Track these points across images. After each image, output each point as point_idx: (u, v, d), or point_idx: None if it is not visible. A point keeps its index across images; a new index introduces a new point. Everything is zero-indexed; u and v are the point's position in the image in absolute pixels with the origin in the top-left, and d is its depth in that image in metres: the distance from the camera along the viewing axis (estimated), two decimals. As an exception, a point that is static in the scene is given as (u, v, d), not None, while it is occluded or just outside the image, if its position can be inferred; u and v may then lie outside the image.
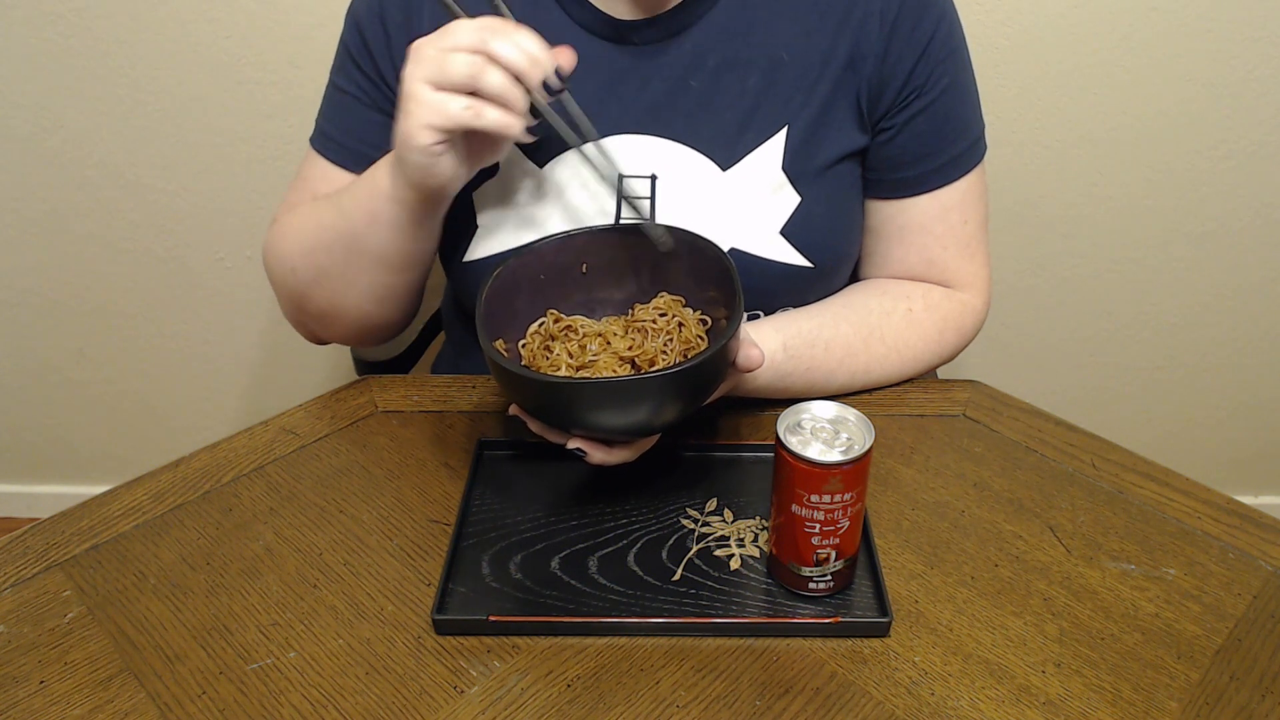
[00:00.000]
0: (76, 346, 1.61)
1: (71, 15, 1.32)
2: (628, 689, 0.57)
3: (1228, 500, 0.70)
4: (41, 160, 1.43)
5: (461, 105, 0.64)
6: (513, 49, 0.64)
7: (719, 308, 0.71)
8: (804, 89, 0.79)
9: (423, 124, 0.65)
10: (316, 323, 0.86)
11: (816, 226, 0.80)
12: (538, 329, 0.74)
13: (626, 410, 0.62)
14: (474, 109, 0.64)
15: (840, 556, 0.61)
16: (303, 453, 0.77)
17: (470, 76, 0.63)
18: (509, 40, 0.64)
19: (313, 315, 0.85)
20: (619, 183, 0.79)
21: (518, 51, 0.64)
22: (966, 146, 0.83)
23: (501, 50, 0.63)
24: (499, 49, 0.63)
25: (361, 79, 0.82)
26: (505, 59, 0.64)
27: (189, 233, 1.50)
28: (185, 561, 0.67)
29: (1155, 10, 1.27)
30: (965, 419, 0.80)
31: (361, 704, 0.57)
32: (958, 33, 0.82)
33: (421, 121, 0.65)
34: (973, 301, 0.86)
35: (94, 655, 0.60)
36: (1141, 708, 0.56)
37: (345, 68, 0.84)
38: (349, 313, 0.83)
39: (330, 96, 0.86)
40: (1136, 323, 1.52)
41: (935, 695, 0.57)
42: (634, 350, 0.70)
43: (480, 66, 0.63)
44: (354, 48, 0.83)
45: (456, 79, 0.64)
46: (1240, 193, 1.40)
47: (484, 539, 0.68)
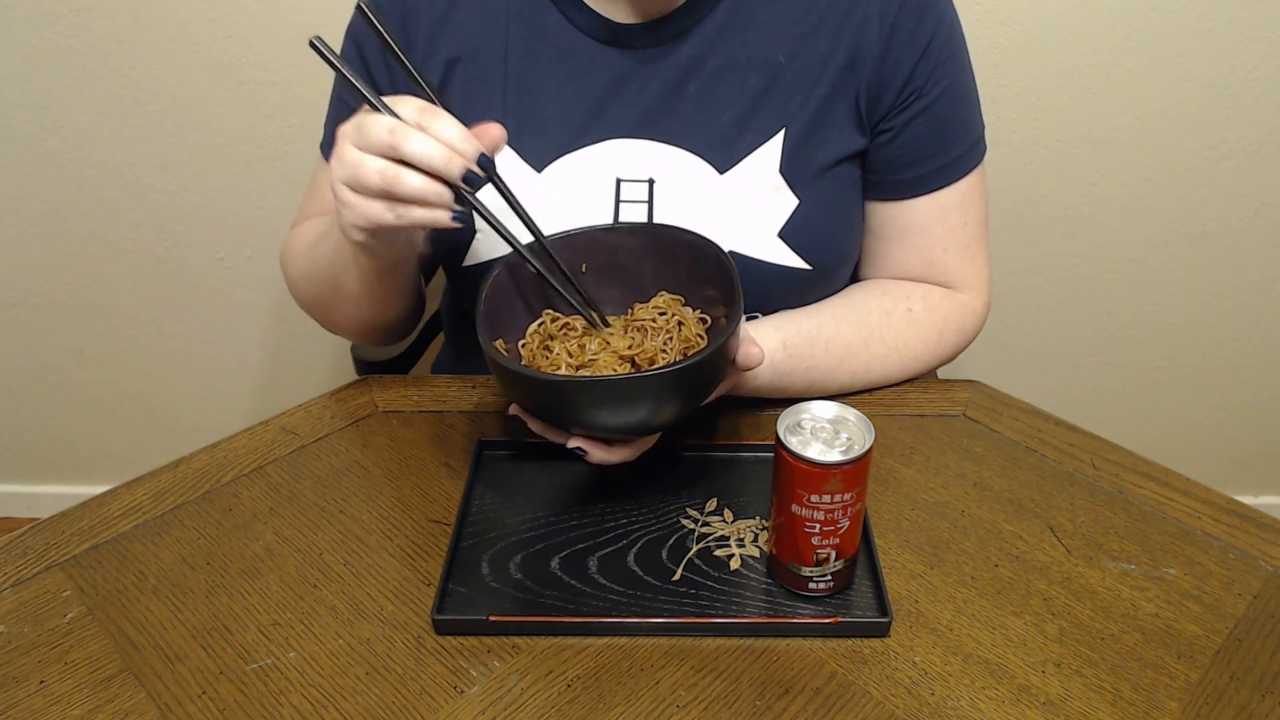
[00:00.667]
0: (76, 346, 1.61)
1: (71, 15, 1.32)
2: (628, 689, 0.57)
3: (1228, 500, 0.70)
4: (41, 160, 1.43)
5: (382, 208, 0.62)
6: (427, 147, 0.60)
7: (718, 307, 0.71)
8: (802, 91, 0.79)
9: (349, 224, 0.65)
10: (327, 326, 0.90)
11: (815, 229, 0.80)
12: (537, 329, 0.74)
13: (626, 409, 0.62)
14: (395, 212, 0.62)
15: (840, 556, 0.61)
16: (303, 453, 0.77)
17: (384, 185, 0.61)
18: (423, 139, 0.60)
19: (321, 322, 0.89)
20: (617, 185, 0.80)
21: (433, 149, 0.60)
22: (966, 148, 0.83)
23: (414, 150, 0.60)
24: (412, 149, 0.60)
25: None
26: (420, 159, 0.60)
27: (189, 233, 1.50)
28: (185, 561, 0.67)
29: (1155, 10, 1.27)
30: (965, 419, 0.80)
31: (361, 704, 0.57)
32: (957, 34, 0.82)
33: (348, 222, 0.64)
34: (973, 302, 0.86)
35: (94, 655, 0.60)
36: (1141, 708, 0.56)
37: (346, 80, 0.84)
38: (348, 328, 0.87)
39: (334, 106, 0.88)
40: (1136, 323, 1.52)
41: (935, 695, 0.57)
42: (634, 349, 0.70)
43: (394, 174, 0.61)
44: (351, 60, 0.84)
45: (371, 187, 0.61)
46: (1240, 193, 1.40)
47: (484, 539, 0.68)
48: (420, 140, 0.60)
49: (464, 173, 0.61)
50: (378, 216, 0.63)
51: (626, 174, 0.79)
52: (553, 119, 0.80)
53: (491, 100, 0.80)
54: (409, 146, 0.60)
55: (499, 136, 0.65)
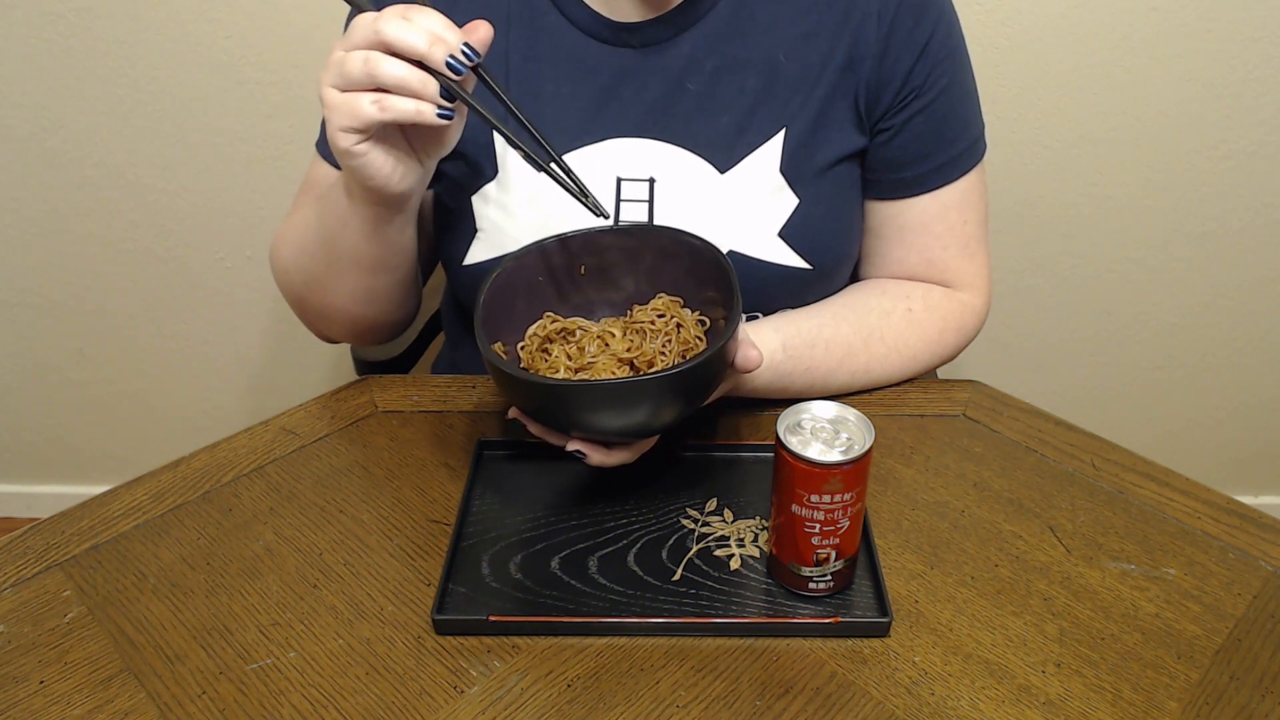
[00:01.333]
0: (76, 346, 1.61)
1: (71, 15, 1.32)
2: (628, 689, 0.57)
3: (1228, 500, 0.70)
4: (41, 160, 1.43)
5: (366, 102, 0.62)
6: (406, 31, 0.61)
7: (717, 308, 0.71)
8: (802, 91, 0.79)
9: (337, 128, 0.64)
10: (317, 322, 0.87)
11: (815, 228, 0.80)
12: (536, 331, 0.74)
13: (625, 412, 0.62)
14: (379, 103, 0.62)
15: (840, 556, 0.61)
16: (303, 453, 0.77)
17: (367, 72, 0.61)
18: (404, 24, 0.61)
19: (312, 315, 0.86)
20: (617, 184, 0.79)
21: (413, 33, 0.61)
22: (966, 146, 0.83)
23: (395, 34, 0.60)
24: (392, 33, 0.60)
25: None
26: (400, 44, 0.61)
27: (189, 233, 1.50)
28: (185, 561, 0.67)
29: (1155, 10, 1.27)
30: (965, 419, 0.80)
31: (361, 704, 0.57)
32: (956, 32, 0.82)
33: (336, 126, 0.64)
34: (973, 301, 0.86)
35: (94, 655, 0.60)
36: (1141, 708, 0.56)
37: None
38: (341, 314, 0.84)
39: None
40: (1136, 323, 1.52)
41: (935, 695, 0.57)
42: (632, 352, 0.70)
43: (375, 60, 0.61)
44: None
45: (355, 77, 0.62)
46: (1240, 193, 1.40)
47: (484, 539, 0.68)
48: (402, 26, 0.61)
49: (448, 59, 0.61)
50: (363, 111, 0.62)
51: (627, 173, 0.79)
52: (553, 118, 0.80)
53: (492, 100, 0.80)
54: (391, 32, 0.61)
55: (487, 32, 0.64)
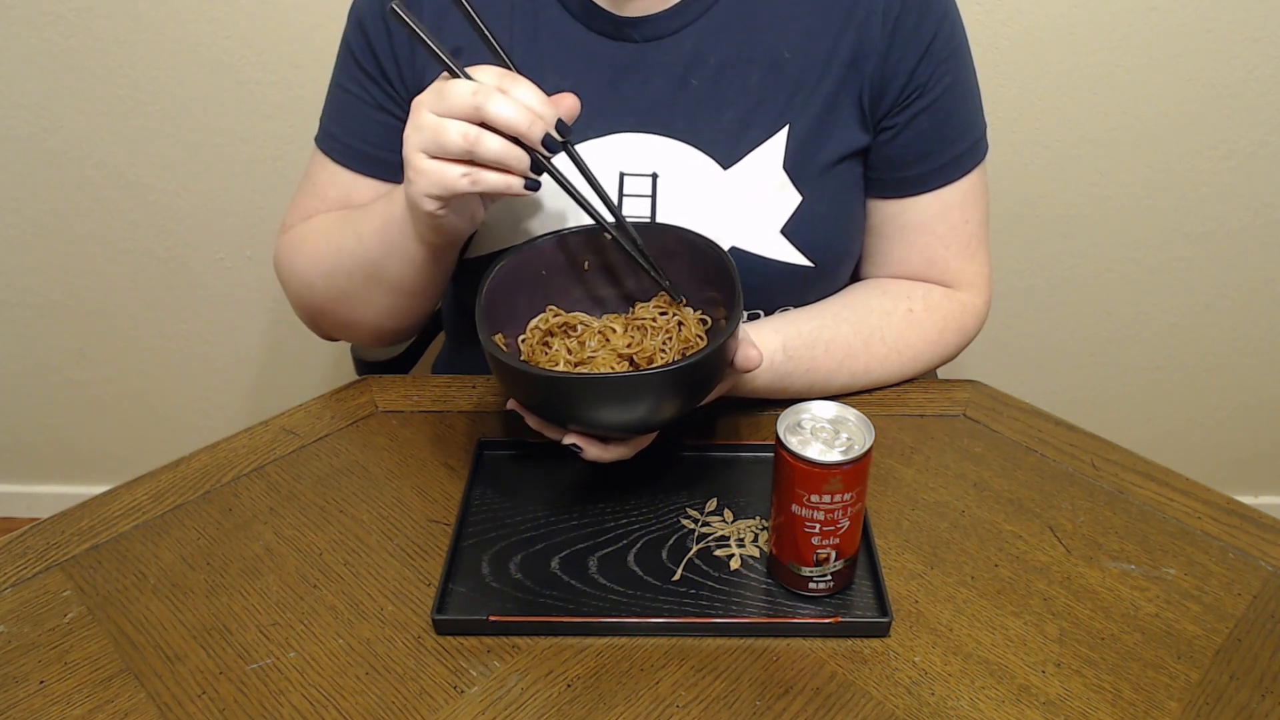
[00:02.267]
0: (76, 346, 1.61)
1: (71, 15, 1.32)
2: (628, 689, 0.57)
3: (1228, 500, 0.70)
4: (41, 160, 1.43)
5: (459, 173, 0.63)
6: (510, 109, 0.61)
7: (719, 307, 0.71)
8: (806, 88, 0.79)
9: (423, 193, 0.65)
10: (333, 331, 0.88)
11: (817, 226, 0.80)
12: (537, 324, 0.74)
13: (624, 406, 0.62)
14: (472, 176, 0.63)
15: (840, 556, 0.61)
16: (303, 453, 0.77)
17: (466, 147, 0.61)
18: (506, 101, 0.61)
19: (330, 325, 0.87)
20: (620, 179, 0.79)
21: (515, 111, 0.61)
22: (968, 146, 0.83)
23: (499, 112, 0.61)
24: (496, 111, 0.61)
25: (364, 79, 0.82)
26: (503, 121, 0.61)
27: (189, 233, 1.50)
28: (185, 561, 0.67)
29: (1155, 10, 1.27)
30: (965, 419, 0.80)
31: (361, 704, 0.57)
32: (960, 31, 0.82)
33: (421, 190, 0.65)
34: (973, 301, 0.86)
35: (94, 655, 0.60)
36: (1141, 708, 0.56)
37: (348, 67, 0.83)
38: (368, 326, 0.85)
39: (334, 96, 0.86)
40: (1136, 323, 1.52)
41: (935, 695, 0.57)
42: (633, 348, 0.70)
43: (475, 135, 0.61)
44: (356, 47, 0.82)
45: (453, 149, 0.62)
46: (1240, 193, 1.40)
47: (484, 539, 0.68)
48: (504, 103, 0.61)
49: (544, 137, 0.62)
50: (454, 182, 0.63)
51: (630, 168, 0.79)
52: None
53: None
54: (493, 108, 0.61)
55: (575, 105, 0.66)
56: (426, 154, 0.63)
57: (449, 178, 0.63)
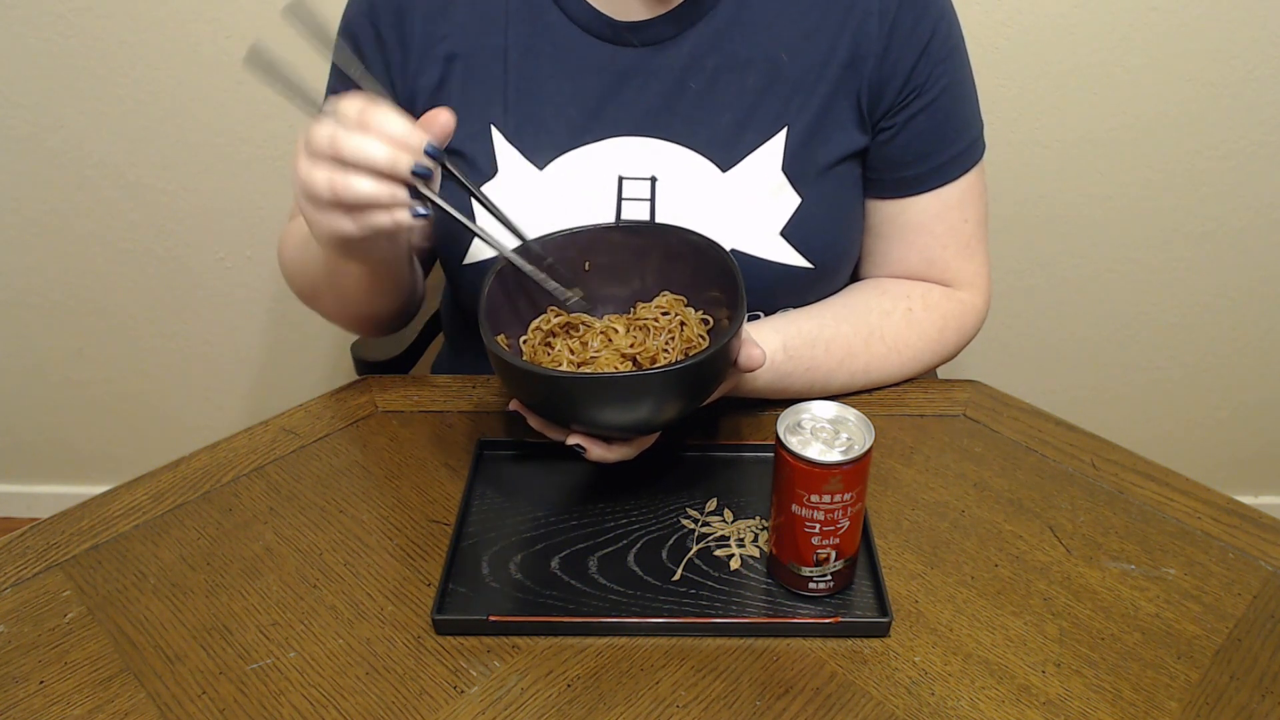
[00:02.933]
0: (76, 346, 1.61)
1: (71, 15, 1.32)
2: (628, 689, 0.57)
3: (1228, 500, 0.70)
4: (41, 160, 1.43)
5: (341, 219, 0.61)
6: (367, 148, 0.58)
7: (721, 308, 0.71)
8: (804, 90, 0.79)
9: (320, 237, 0.64)
10: (328, 318, 0.89)
11: (816, 227, 0.80)
12: (539, 325, 0.74)
13: (627, 407, 0.62)
14: (357, 221, 0.60)
15: (840, 556, 0.61)
16: (303, 453, 0.77)
17: (334, 196, 0.59)
18: (363, 139, 0.58)
19: (321, 313, 0.89)
20: (619, 183, 0.79)
21: (372, 149, 0.58)
22: (966, 145, 0.83)
23: (354, 153, 0.58)
24: (351, 152, 0.58)
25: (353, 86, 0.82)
26: (361, 160, 0.58)
27: (189, 233, 1.50)
28: (185, 561, 0.67)
29: (1155, 10, 1.27)
30: (965, 419, 0.80)
31: (361, 704, 0.57)
32: (957, 32, 0.82)
33: (318, 235, 0.64)
34: (973, 300, 0.86)
35: (94, 655, 0.60)
36: (1141, 708, 0.56)
37: (340, 75, 0.85)
38: (346, 319, 0.87)
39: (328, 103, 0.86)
40: (1136, 323, 1.52)
41: (935, 695, 0.57)
42: (635, 348, 0.70)
43: (342, 183, 0.58)
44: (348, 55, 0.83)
45: (324, 198, 0.60)
46: (1240, 193, 1.40)
47: (484, 539, 0.68)
48: (359, 142, 0.58)
49: (412, 168, 0.59)
50: (339, 228, 0.61)
51: (629, 171, 0.79)
52: (554, 116, 0.80)
53: (492, 98, 0.80)
54: (348, 150, 0.58)
55: (447, 122, 0.62)
56: (309, 202, 0.61)
57: (334, 224, 0.61)
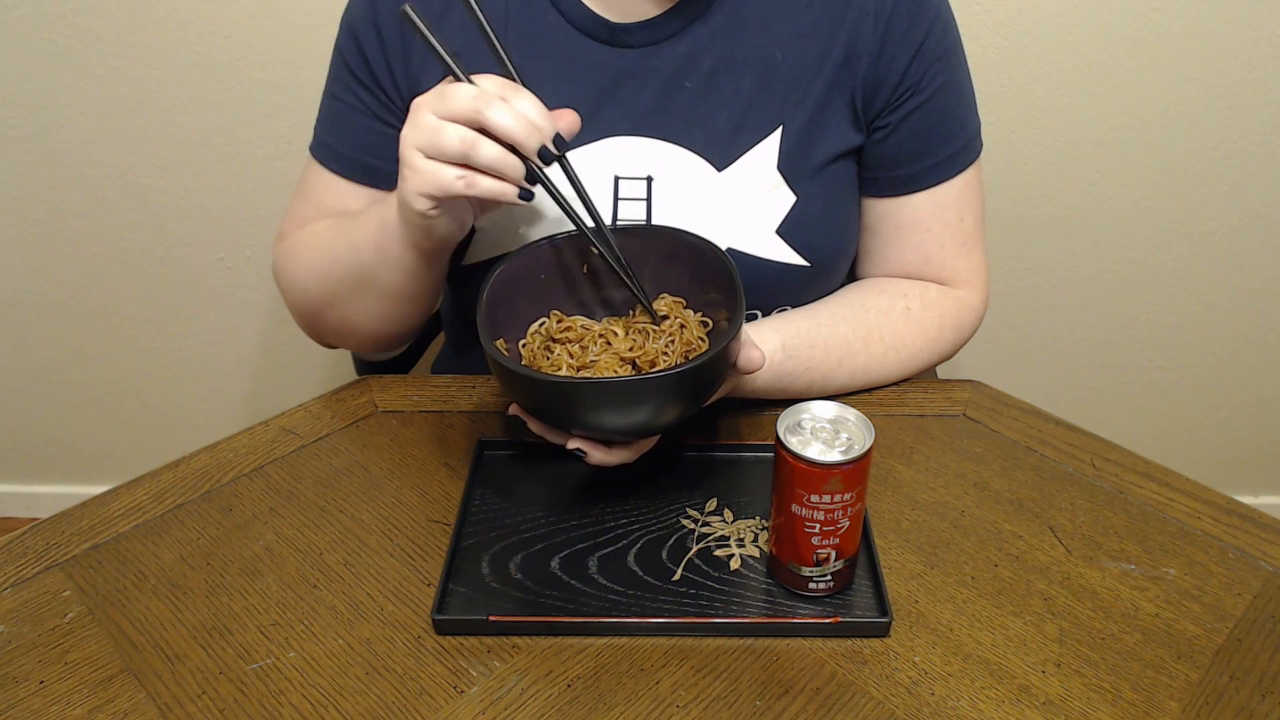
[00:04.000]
0: (76, 346, 1.61)
1: (71, 15, 1.32)
2: (628, 689, 0.57)
3: (1228, 500, 0.70)
4: (41, 160, 1.43)
5: (454, 175, 0.63)
6: (509, 118, 0.62)
7: (720, 309, 0.71)
8: (799, 89, 0.79)
9: (416, 191, 0.65)
10: (331, 336, 0.88)
11: (812, 225, 0.80)
12: (539, 329, 0.74)
13: (627, 411, 0.62)
14: (466, 179, 0.63)
15: (840, 556, 0.61)
16: (303, 453, 0.77)
17: (463, 150, 0.62)
18: (506, 109, 0.62)
19: (327, 331, 0.87)
20: (615, 183, 0.79)
21: (514, 120, 0.62)
22: (962, 144, 0.83)
23: (498, 119, 0.61)
24: (495, 118, 0.61)
25: (358, 87, 0.82)
26: (501, 129, 0.62)
27: (189, 233, 1.50)
28: (185, 561, 0.67)
29: (1155, 10, 1.27)
30: (965, 419, 0.80)
31: (361, 704, 0.57)
32: (953, 31, 0.82)
33: (415, 189, 0.65)
34: (970, 299, 0.86)
35: (94, 655, 0.60)
36: (1141, 708, 0.56)
37: (342, 77, 0.84)
38: (363, 332, 0.85)
39: (328, 106, 0.86)
40: (1136, 323, 1.52)
41: (935, 695, 0.57)
42: (635, 351, 0.70)
43: (473, 140, 0.62)
44: (349, 55, 0.82)
45: (449, 151, 0.62)
46: (1240, 193, 1.40)
47: (484, 539, 0.68)
48: (504, 110, 0.62)
49: (540, 148, 0.63)
50: (449, 184, 0.63)
51: (625, 171, 0.80)
52: None
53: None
54: (492, 115, 0.61)
55: (575, 121, 0.66)
56: (423, 153, 0.63)
57: (444, 178, 0.63)
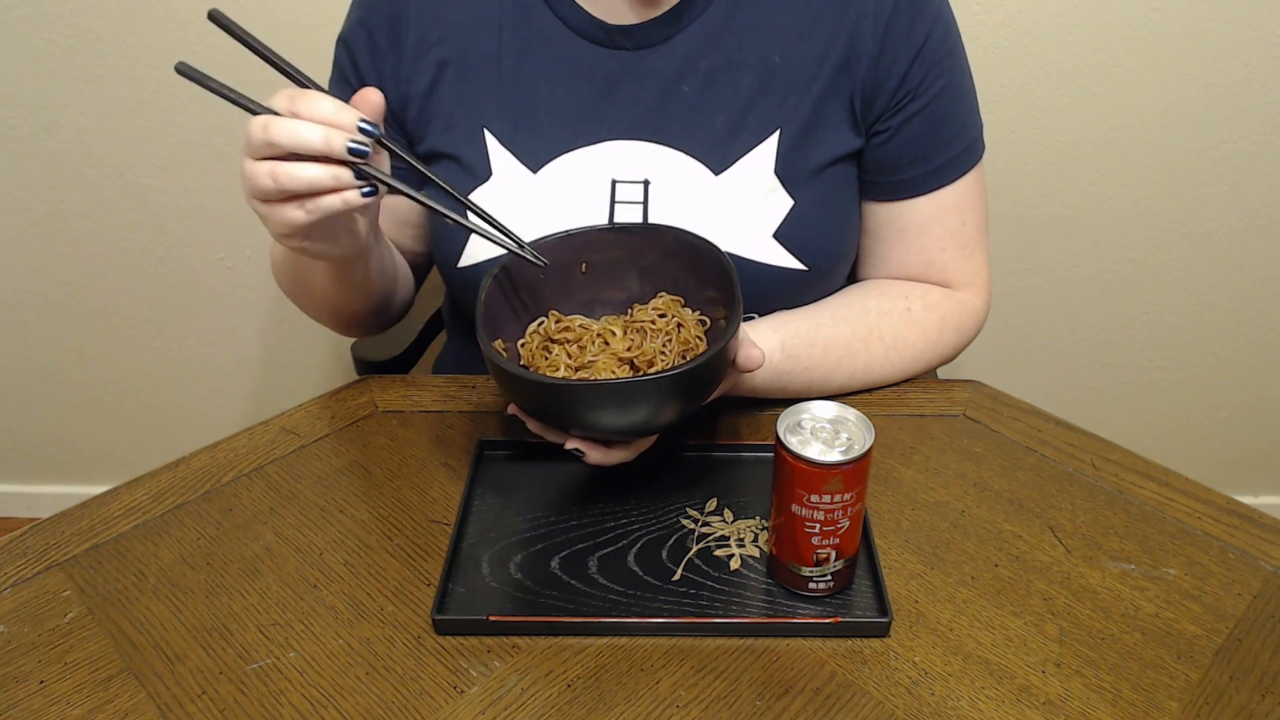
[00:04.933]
0: (76, 346, 1.61)
1: (71, 15, 1.32)
2: (628, 689, 0.57)
3: (1228, 500, 0.70)
4: (41, 160, 1.43)
5: (292, 210, 0.61)
6: (300, 132, 0.58)
7: (718, 308, 0.71)
8: (796, 92, 0.79)
9: (278, 234, 0.64)
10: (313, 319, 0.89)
11: (810, 229, 0.80)
12: (537, 329, 0.74)
13: (625, 411, 0.62)
14: (304, 207, 0.61)
15: (840, 556, 0.61)
16: (303, 453, 0.77)
17: (279, 185, 0.59)
18: (292, 125, 0.59)
19: (311, 315, 0.88)
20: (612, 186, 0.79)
21: (306, 132, 0.58)
22: (964, 147, 0.83)
23: (287, 139, 0.58)
24: (284, 139, 0.58)
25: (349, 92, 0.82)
26: (295, 145, 0.59)
27: (189, 233, 1.50)
28: (185, 561, 0.67)
29: (1155, 10, 1.27)
30: (965, 419, 0.80)
31: (361, 704, 0.57)
32: (953, 34, 0.82)
33: (275, 232, 0.64)
34: (972, 301, 0.86)
35: (94, 655, 0.60)
36: (1141, 708, 0.56)
37: (337, 82, 0.85)
38: (327, 319, 0.87)
39: None
40: (1136, 323, 1.52)
41: (935, 695, 0.57)
42: (633, 351, 0.70)
43: (282, 172, 0.59)
44: (344, 64, 0.84)
45: (269, 191, 0.60)
46: (1240, 193, 1.40)
47: (484, 539, 0.68)
48: (292, 127, 0.59)
49: (347, 145, 0.59)
50: (292, 219, 0.61)
51: (622, 175, 0.79)
52: (547, 120, 0.80)
53: (485, 102, 0.80)
54: (281, 138, 0.59)
55: (377, 100, 0.62)
56: (258, 199, 0.62)
57: (286, 216, 0.61)
